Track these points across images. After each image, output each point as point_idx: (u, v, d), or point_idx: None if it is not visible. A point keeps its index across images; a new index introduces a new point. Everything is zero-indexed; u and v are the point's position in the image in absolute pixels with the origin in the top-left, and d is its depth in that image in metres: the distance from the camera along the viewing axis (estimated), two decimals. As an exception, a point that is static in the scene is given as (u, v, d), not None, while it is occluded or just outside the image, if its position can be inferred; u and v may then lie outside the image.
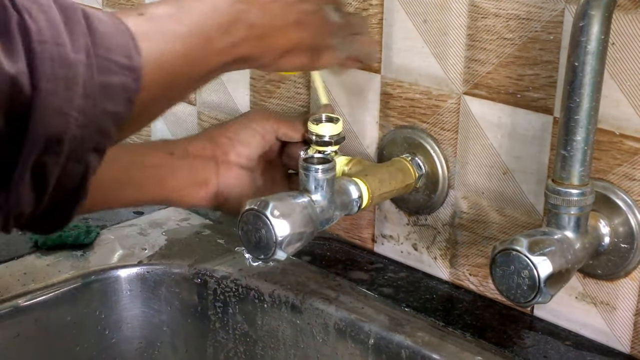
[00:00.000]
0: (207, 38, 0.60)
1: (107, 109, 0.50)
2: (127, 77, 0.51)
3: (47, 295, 0.92)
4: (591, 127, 0.68)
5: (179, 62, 0.57)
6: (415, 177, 0.88)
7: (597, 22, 0.65)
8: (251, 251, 0.74)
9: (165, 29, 0.57)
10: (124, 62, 0.51)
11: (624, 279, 0.78)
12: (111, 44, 0.51)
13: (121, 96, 0.51)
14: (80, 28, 0.50)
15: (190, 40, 0.58)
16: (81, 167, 0.51)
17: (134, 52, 0.52)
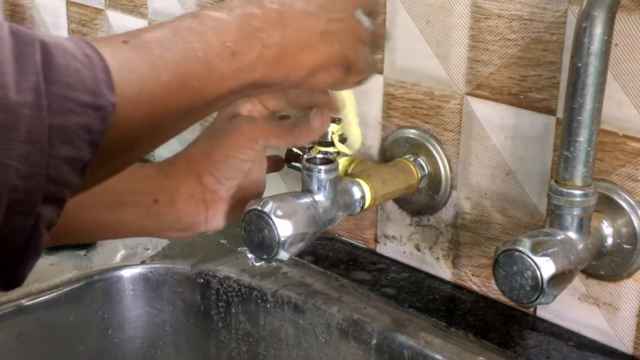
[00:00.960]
0: (207, 64, 0.53)
1: (61, 154, 0.44)
2: (90, 117, 0.45)
3: (50, 295, 0.92)
4: (594, 128, 0.68)
5: (167, 92, 0.50)
6: (417, 177, 0.88)
7: (600, 23, 0.65)
8: (254, 251, 0.74)
9: (152, 56, 0.50)
10: (87, 100, 0.45)
11: (627, 279, 0.78)
12: (73, 80, 0.44)
13: (81, 138, 0.45)
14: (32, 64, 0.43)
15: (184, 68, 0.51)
16: (29, 221, 0.44)
17: (105, 88, 0.46)
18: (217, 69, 0.53)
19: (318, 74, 0.61)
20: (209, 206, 0.73)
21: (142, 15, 1.21)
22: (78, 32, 1.34)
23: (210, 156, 0.71)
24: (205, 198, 0.72)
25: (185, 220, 0.73)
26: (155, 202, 0.71)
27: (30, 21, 1.44)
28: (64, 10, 1.36)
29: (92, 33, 1.31)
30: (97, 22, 1.30)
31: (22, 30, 0.44)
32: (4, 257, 0.45)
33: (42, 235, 0.45)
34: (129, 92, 0.48)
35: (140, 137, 0.50)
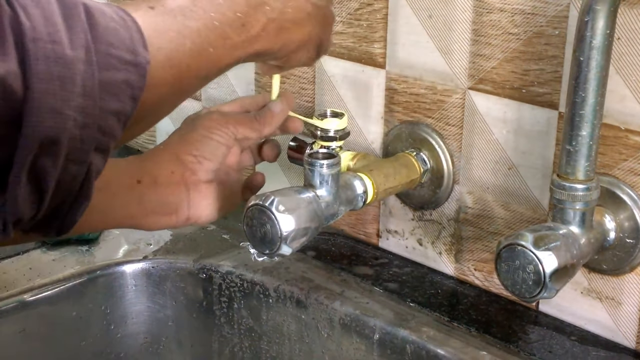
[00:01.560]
0: (222, 34, 0.58)
1: (109, 107, 0.48)
2: (131, 73, 0.49)
3: (53, 290, 0.92)
4: (596, 122, 0.68)
5: (190, 59, 0.55)
6: (420, 172, 0.88)
7: (603, 16, 0.65)
8: (256, 246, 0.74)
9: (177, 23, 0.55)
10: (128, 57, 0.49)
11: (630, 274, 0.77)
12: (114, 39, 0.48)
13: (125, 93, 0.49)
14: (80, 23, 0.47)
15: (204, 36, 0.56)
16: (83, 169, 0.48)
17: (140, 48, 0.50)
18: (230, 38, 0.59)
19: (300, 50, 0.68)
20: (189, 187, 0.76)
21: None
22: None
23: (187, 138, 0.77)
24: (184, 176, 0.76)
25: (168, 202, 0.75)
26: (138, 182, 0.75)
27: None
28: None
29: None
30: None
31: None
32: (59, 202, 0.49)
33: (92, 182, 0.50)
34: (159, 56, 0.52)
35: (167, 98, 0.55)
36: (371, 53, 0.93)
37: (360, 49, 0.94)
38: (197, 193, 0.76)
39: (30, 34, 0.45)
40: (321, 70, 0.98)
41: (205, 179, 0.76)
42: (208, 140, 0.76)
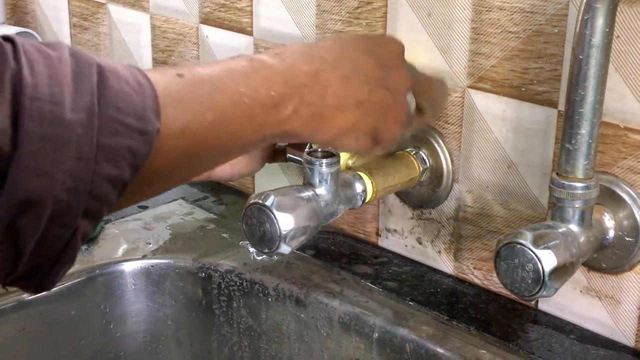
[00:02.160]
0: (250, 112, 0.55)
1: (105, 172, 0.46)
2: (135, 140, 0.47)
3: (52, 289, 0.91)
4: (596, 121, 0.68)
5: (209, 131, 0.53)
6: (419, 170, 0.88)
7: (602, 15, 0.65)
8: (255, 245, 0.74)
9: (202, 94, 0.53)
10: (135, 124, 0.47)
11: (629, 272, 0.77)
12: (124, 104, 0.47)
13: (125, 160, 0.47)
14: (89, 85, 0.46)
15: (230, 112, 0.54)
16: (67, 233, 0.47)
17: (151, 115, 0.48)
18: (258, 117, 0.56)
19: (345, 137, 0.64)
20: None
21: (144, 9, 1.21)
22: (80, 26, 1.34)
23: None
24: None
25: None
26: None
27: (32, 15, 1.44)
28: (66, 4, 1.36)
29: (94, 27, 1.31)
30: (99, 16, 1.30)
31: (82, 53, 0.47)
32: (39, 262, 0.47)
33: (77, 246, 0.48)
34: (174, 125, 0.50)
35: (177, 168, 0.53)
36: (370, 52, 0.93)
37: (360, 48, 0.93)
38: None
39: (29, 92, 0.44)
40: (320, 69, 0.98)
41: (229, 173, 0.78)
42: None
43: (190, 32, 1.14)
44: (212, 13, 1.10)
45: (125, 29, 1.26)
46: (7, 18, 1.46)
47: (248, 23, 1.06)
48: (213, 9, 1.10)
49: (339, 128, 0.63)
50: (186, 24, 1.14)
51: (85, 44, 1.34)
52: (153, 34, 1.20)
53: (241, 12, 1.06)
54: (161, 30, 1.19)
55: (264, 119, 0.56)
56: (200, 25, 1.12)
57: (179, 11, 1.15)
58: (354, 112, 0.63)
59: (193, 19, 1.13)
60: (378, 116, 0.65)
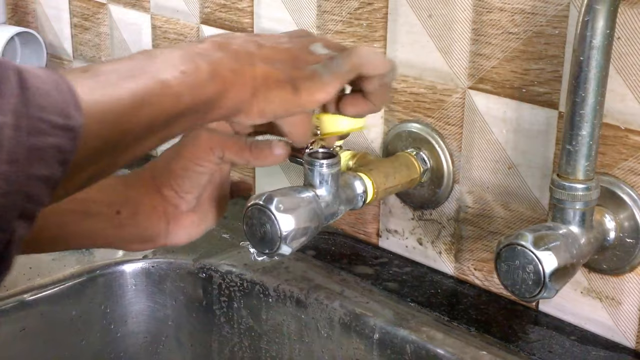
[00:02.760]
0: (160, 83, 0.56)
1: (36, 173, 0.46)
2: (61, 137, 0.47)
3: (53, 289, 0.92)
4: (596, 122, 0.68)
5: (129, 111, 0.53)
6: (420, 171, 0.88)
7: (603, 16, 0.65)
8: (256, 246, 0.74)
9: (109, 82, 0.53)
10: (60, 121, 0.47)
11: (630, 273, 0.77)
12: (46, 103, 0.47)
13: (54, 158, 0.47)
14: (10, 87, 0.45)
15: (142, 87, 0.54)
16: (5, 236, 0.46)
17: (73, 110, 0.48)
18: (171, 86, 0.56)
19: (263, 92, 0.63)
20: (170, 220, 0.74)
21: (145, 9, 1.21)
22: (80, 26, 1.34)
23: (170, 168, 0.74)
24: (166, 211, 0.74)
25: (147, 233, 0.74)
26: (117, 213, 0.73)
27: (32, 15, 1.44)
28: (67, 4, 1.36)
29: (95, 27, 1.31)
30: (100, 17, 1.30)
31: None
32: None
33: (15, 250, 0.47)
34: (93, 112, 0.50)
35: (105, 154, 0.53)
36: (371, 52, 0.93)
37: (360, 49, 0.93)
38: (177, 224, 0.75)
39: None
40: (321, 69, 0.98)
41: (187, 209, 0.75)
42: (190, 173, 0.73)
43: (190, 32, 1.14)
44: (213, 13, 1.10)
45: (126, 29, 1.26)
46: (8, 18, 1.46)
47: (249, 23, 1.06)
48: (214, 9, 1.10)
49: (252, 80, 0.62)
50: (187, 24, 1.14)
51: (86, 44, 1.34)
52: (154, 34, 1.20)
53: (242, 12, 1.06)
54: (162, 31, 1.19)
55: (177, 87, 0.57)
56: (201, 25, 1.12)
57: (179, 11, 1.15)
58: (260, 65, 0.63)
59: (194, 19, 1.13)
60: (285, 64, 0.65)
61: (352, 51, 0.67)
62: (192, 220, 0.76)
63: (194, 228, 0.76)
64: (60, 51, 1.40)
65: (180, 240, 0.76)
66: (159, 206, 0.74)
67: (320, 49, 0.67)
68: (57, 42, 1.41)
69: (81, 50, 1.36)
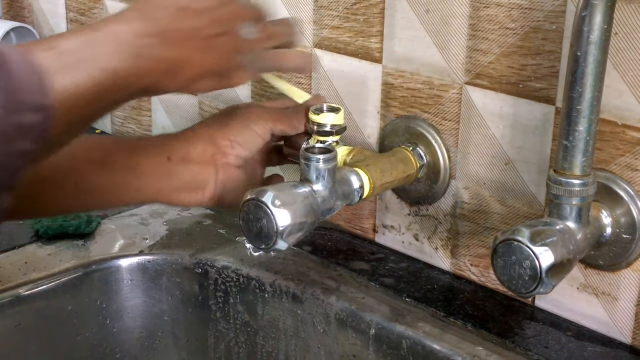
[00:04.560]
0: (114, 70, 0.60)
1: (18, 148, 0.51)
2: (38, 115, 0.52)
3: (48, 284, 0.91)
4: (593, 117, 0.68)
5: (90, 95, 0.58)
6: (416, 167, 0.88)
7: (600, 11, 0.65)
8: (252, 241, 0.73)
9: (76, 63, 0.58)
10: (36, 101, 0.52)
11: (626, 269, 0.77)
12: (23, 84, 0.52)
13: (32, 135, 0.52)
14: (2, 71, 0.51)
15: (99, 73, 0.59)
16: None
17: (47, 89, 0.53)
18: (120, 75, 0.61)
19: (197, 82, 0.69)
20: (219, 168, 0.78)
21: (140, 4, 1.20)
22: (76, 21, 1.34)
23: (226, 122, 0.80)
24: (215, 157, 0.78)
25: (197, 179, 0.78)
26: (168, 159, 0.77)
27: (28, 10, 1.44)
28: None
29: (91, 22, 1.31)
30: (96, 11, 1.29)
31: None
32: None
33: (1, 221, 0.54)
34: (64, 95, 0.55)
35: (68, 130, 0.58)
36: (368, 48, 0.92)
37: (357, 44, 0.93)
38: (226, 175, 0.78)
39: None
40: (317, 64, 0.98)
41: (235, 163, 0.78)
42: (246, 129, 0.79)
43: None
44: (210, 8, 1.10)
45: (122, 24, 1.25)
46: (3, 13, 1.45)
47: (245, 18, 1.05)
48: (210, 4, 1.09)
49: (188, 77, 0.68)
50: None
51: (82, 38, 1.34)
52: (150, 29, 1.20)
53: (238, 7, 1.06)
54: (158, 26, 1.18)
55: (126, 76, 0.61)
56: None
57: (176, 6, 1.15)
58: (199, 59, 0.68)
59: (190, 14, 1.13)
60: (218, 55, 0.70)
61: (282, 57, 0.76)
62: (239, 175, 0.79)
63: (241, 183, 0.79)
64: (56, 46, 1.40)
65: (228, 195, 0.79)
66: (208, 151, 0.78)
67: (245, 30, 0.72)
68: (53, 37, 1.40)
69: (77, 44, 1.35)
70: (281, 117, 0.81)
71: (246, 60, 0.72)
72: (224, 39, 0.70)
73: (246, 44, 0.72)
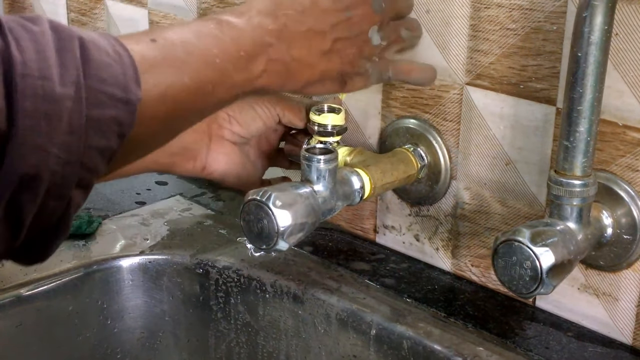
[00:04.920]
0: (222, 71, 0.57)
1: (94, 144, 0.48)
2: (120, 110, 0.49)
3: (49, 285, 0.92)
4: (594, 118, 0.68)
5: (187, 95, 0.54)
6: (417, 167, 0.88)
7: (601, 12, 0.65)
8: (253, 241, 0.74)
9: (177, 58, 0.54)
10: (119, 94, 0.49)
11: (627, 270, 0.77)
12: (106, 75, 0.48)
13: (112, 130, 0.49)
14: (73, 59, 0.47)
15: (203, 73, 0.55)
16: (62, 204, 0.48)
17: (133, 84, 0.49)
18: (230, 77, 0.58)
19: (312, 86, 0.67)
20: (212, 137, 0.78)
21: (142, 5, 1.20)
22: (77, 21, 1.34)
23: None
24: (210, 127, 0.78)
25: (191, 147, 0.78)
26: None
27: (29, 10, 1.44)
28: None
29: (92, 22, 1.31)
30: (97, 12, 1.29)
31: (62, 26, 0.48)
32: (36, 235, 0.49)
33: (71, 218, 0.50)
34: (153, 91, 0.51)
35: (158, 133, 0.55)
36: (369, 48, 0.92)
37: (358, 44, 0.93)
38: (218, 145, 0.78)
39: (20, 69, 0.44)
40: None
41: (230, 139, 0.78)
42: (248, 108, 0.78)
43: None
44: (210, 9, 1.10)
45: (123, 25, 1.26)
46: (5, 13, 1.46)
47: (246, 19, 1.05)
48: (211, 5, 1.09)
49: (306, 80, 0.65)
50: (184, 20, 1.14)
51: (83, 39, 1.34)
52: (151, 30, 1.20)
53: (239, 8, 1.06)
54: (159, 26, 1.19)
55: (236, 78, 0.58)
56: (199, 21, 1.12)
57: (177, 7, 1.15)
58: (319, 63, 0.66)
59: (191, 15, 1.13)
60: (343, 61, 0.68)
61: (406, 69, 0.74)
62: (233, 150, 0.79)
63: (234, 159, 0.79)
64: (57, 46, 1.40)
65: (219, 166, 0.79)
66: (205, 120, 0.76)
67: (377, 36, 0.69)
68: (54, 37, 1.40)
69: (78, 45, 1.35)
70: (291, 105, 0.80)
71: (370, 67, 0.69)
72: (349, 43, 0.67)
73: (372, 50, 0.69)
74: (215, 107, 0.60)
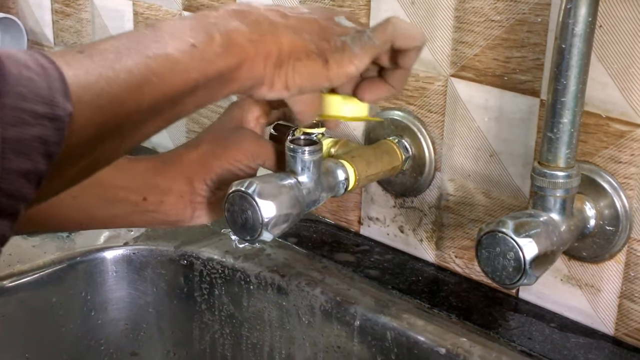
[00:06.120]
0: (166, 58, 0.51)
1: (14, 167, 0.42)
2: (45, 127, 0.43)
3: (33, 276, 0.91)
4: (578, 110, 0.68)
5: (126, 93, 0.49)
6: (401, 159, 0.88)
7: (585, 4, 0.65)
8: (237, 232, 0.73)
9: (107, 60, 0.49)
10: (42, 110, 0.43)
11: (609, 261, 0.78)
12: (26, 91, 0.43)
13: (36, 151, 0.43)
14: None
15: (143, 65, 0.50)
16: None
17: (60, 97, 0.44)
18: (179, 61, 0.52)
19: (291, 64, 0.60)
20: (196, 207, 0.75)
21: (126, -4, 1.20)
22: (62, 12, 1.33)
23: (207, 164, 0.73)
24: (193, 200, 0.74)
25: (171, 219, 0.75)
26: (144, 200, 0.73)
27: (13, 1, 1.43)
28: (47, -10, 1.35)
29: (76, 14, 1.30)
30: (81, 3, 1.29)
31: None
32: None
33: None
34: (87, 96, 0.46)
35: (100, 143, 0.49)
36: (353, 40, 0.92)
37: (343, 36, 0.93)
38: (201, 210, 0.75)
39: None
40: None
41: (215, 200, 0.75)
42: (227, 174, 0.73)
43: (172, 19, 1.13)
44: (196, 0, 1.09)
45: (107, 16, 1.25)
46: (-12, 3, 1.45)
47: (231, 10, 1.05)
48: (196, -4, 1.09)
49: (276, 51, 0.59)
50: (169, 11, 1.14)
51: (67, 30, 1.33)
52: (135, 21, 1.20)
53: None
54: (143, 17, 1.18)
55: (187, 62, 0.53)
56: (183, 12, 1.12)
57: (161, -2, 1.14)
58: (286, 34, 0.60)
59: (176, 6, 1.12)
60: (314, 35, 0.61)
61: (387, 22, 0.65)
62: (215, 208, 0.75)
63: (217, 212, 0.76)
64: (41, 37, 1.39)
65: (202, 221, 0.76)
66: (186, 195, 0.74)
67: (346, 21, 0.64)
68: (38, 29, 1.40)
69: (62, 36, 1.35)
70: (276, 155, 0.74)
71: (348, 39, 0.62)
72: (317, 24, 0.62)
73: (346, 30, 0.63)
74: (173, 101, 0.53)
